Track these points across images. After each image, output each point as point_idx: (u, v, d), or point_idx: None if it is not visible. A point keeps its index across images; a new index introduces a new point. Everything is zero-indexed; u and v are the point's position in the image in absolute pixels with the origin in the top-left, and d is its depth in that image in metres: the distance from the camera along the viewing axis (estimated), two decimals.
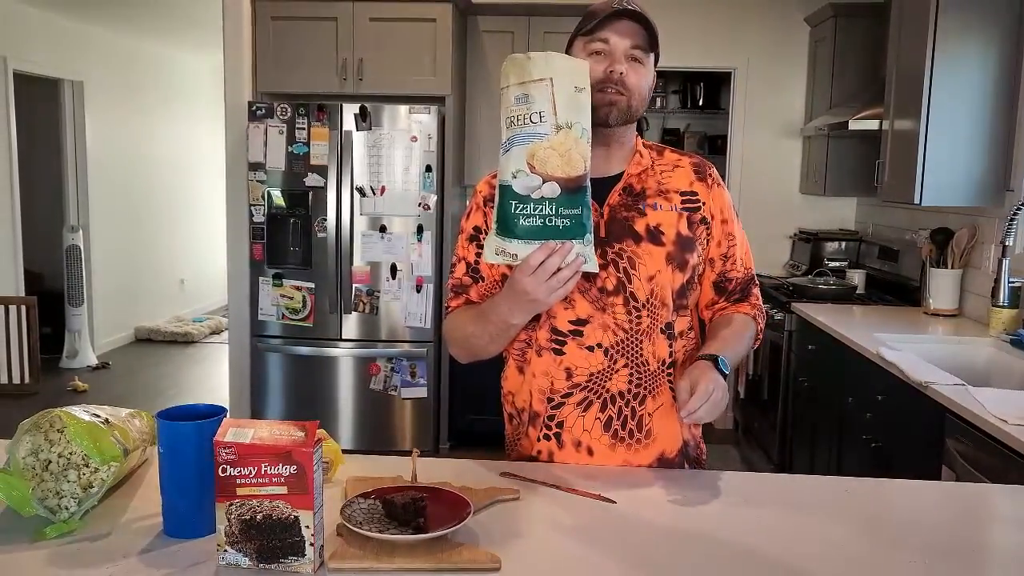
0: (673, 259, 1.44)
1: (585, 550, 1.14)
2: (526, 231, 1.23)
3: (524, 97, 1.22)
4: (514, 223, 1.23)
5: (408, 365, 4.11)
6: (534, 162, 1.21)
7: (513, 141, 1.22)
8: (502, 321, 1.37)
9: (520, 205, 1.22)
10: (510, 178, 1.23)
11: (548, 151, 1.21)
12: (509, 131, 1.23)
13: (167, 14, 5.74)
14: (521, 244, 1.24)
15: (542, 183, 1.22)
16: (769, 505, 1.31)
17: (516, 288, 1.28)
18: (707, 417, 1.33)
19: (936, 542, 1.20)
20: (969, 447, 2.04)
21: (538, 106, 1.21)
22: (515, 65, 1.24)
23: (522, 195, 1.22)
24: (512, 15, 4.32)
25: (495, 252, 1.27)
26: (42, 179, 6.17)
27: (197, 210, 7.92)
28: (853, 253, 4.38)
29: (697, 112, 5.57)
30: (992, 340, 2.86)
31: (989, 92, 2.99)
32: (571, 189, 1.22)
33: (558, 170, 1.21)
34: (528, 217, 1.22)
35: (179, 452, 1.13)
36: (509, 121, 1.23)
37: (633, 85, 1.39)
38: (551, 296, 1.27)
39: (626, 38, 1.38)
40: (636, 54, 1.39)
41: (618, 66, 1.37)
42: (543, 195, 1.22)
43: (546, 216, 1.22)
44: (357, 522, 1.12)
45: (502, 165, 1.24)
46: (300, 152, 3.99)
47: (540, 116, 1.21)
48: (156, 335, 6.89)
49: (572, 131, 1.22)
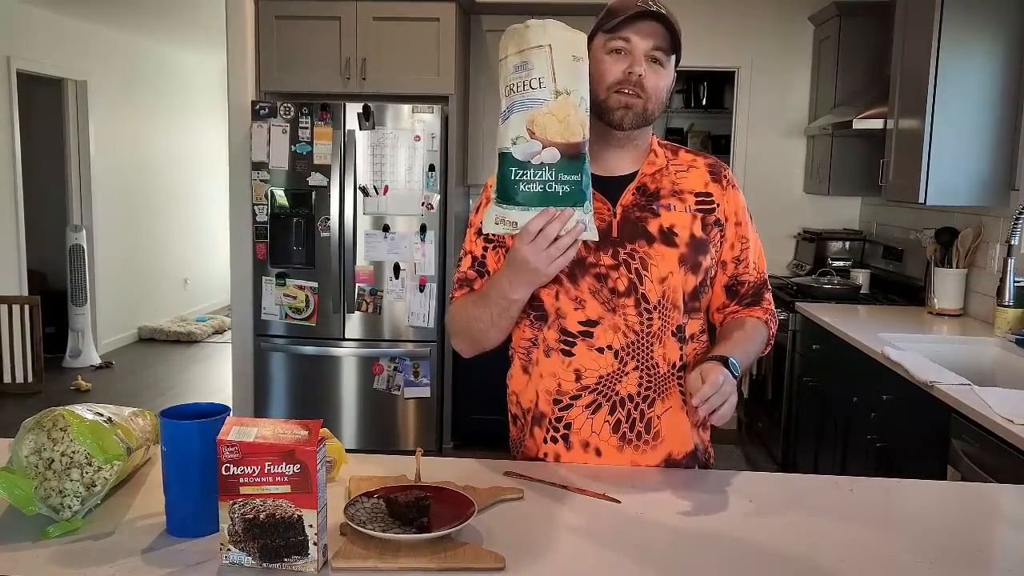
0: (686, 261, 1.42)
1: (590, 550, 1.13)
2: (526, 197, 1.23)
3: (523, 64, 1.22)
4: (514, 190, 1.23)
5: (411, 365, 4.11)
6: (534, 127, 1.21)
7: (512, 108, 1.22)
8: (503, 297, 1.35)
9: (520, 172, 1.22)
10: (510, 144, 1.22)
11: (547, 116, 1.21)
12: (508, 99, 1.23)
13: (171, 13, 5.75)
14: (521, 211, 1.24)
15: (542, 148, 1.21)
16: (775, 505, 1.31)
17: (516, 258, 1.27)
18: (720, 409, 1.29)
19: (942, 542, 1.19)
20: (975, 447, 2.03)
21: (537, 72, 1.21)
22: (514, 34, 1.24)
23: (522, 161, 1.22)
24: (515, 14, 4.30)
25: (495, 221, 1.27)
26: (45, 179, 6.18)
27: (200, 209, 7.92)
28: (857, 253, 4.37)
29: (701, 111, 5.55)
30: (998, 340, 2.85)
31: (994, 91, 2.98)
32: (571, 155, 1.22)
33: (557, 136, 1.21)
34: (528, 183, 1.22)
35: (182, 451, 1.13)
36: (508, 89, 1.23)
37: (651, 88, 1.37)
38: (551, 265, 1.26)
39: (648, 39, 1.35)
40: (657, 55, 1.36)
41: (637, 68, 1.34)
42: (543, 161, 1.21)
43: (546, 182, 1.22)
44: (361, 521, 1.12)
45: (501, 134, 1.24)
46: (303, 151, 3.99)
47: (539, 82, 1.21)
48: (159, 335, 6.90)
49: (571, 97, 1.22)
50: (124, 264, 6.70)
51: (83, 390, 5.35)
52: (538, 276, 1.30)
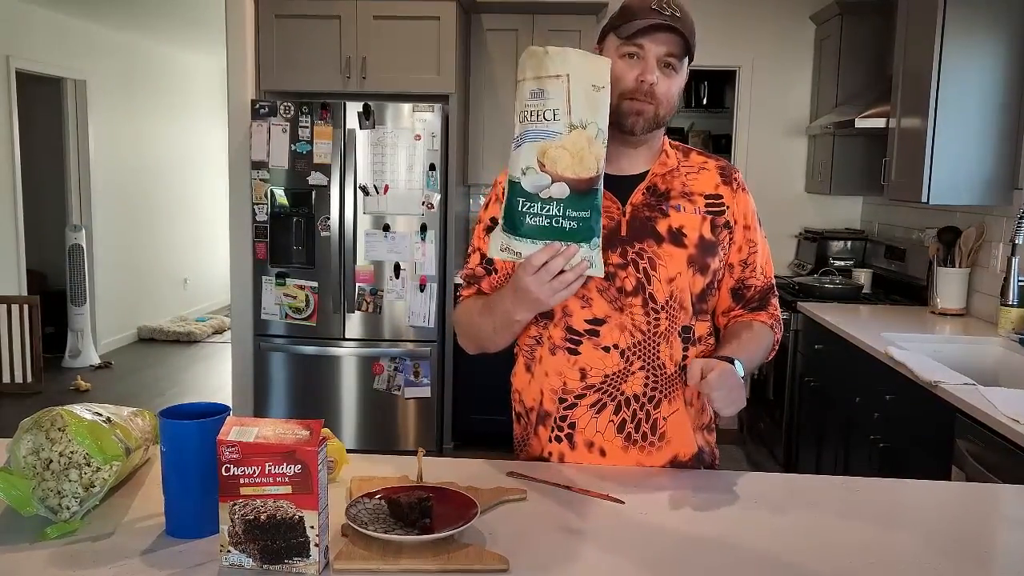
0: (694, 262, 1.42)
1: (594, 552, 1.12)
2: (531, 230, 1.20)
3: (539, 92, 1.19)
4: (520, 221, 1.20)
5: (411, 365, 4.10)
6: (545, 160, 1.18)
7: (525, 137, 1.19)
8: (506, 315, 1.35)
9: (527, 203, 1.19)
10: (519, 175, 1.20)
11: (560, 150, 1.18)
12: (522, 126, 1.20)
13: (170, 13, 5.73)
14: (526, 243, 1.21)
15: (551, 183, 1.18)
16: (779, 505, 1.30)
17: (519, 286, 1.26)
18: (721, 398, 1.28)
19: (947, 543, 1.19)
20: (980, 447, 2.02)
21: (553, 103, 1.18)
22: (533, 58, 1.20)
23: (530, 193, 1.19)
24: (516, 13, 4.30)
25: (500, 248, 1.25)
26: (45, 178, 6.16)
27: (200, 209, 7.91)
28: (859, 252, 4.36)
29: (702, 111, 5.54)
30: (1001, 339, 2.84)
31: (997, 89, 2.97)
32: (581, 191, 1.19)
33: (568, 171, 1.18)
34: (534, 216, 1.20)
35: (182, 451, 1.11)
36: (523, 115, 1.20)
37: (663, 94, 1.35)
38: (553, 297, 1.25)
39: (661, 46, 1.33)
40: (670, 61, 1.34)
41: (650, 76, 1.33)
42: (551, 195, 1.18)
43: (553, 217, 1.19)
44: (362, 522, 1.11)
45: (512, 160, 1.21)
46: (303, 151, 3.97)
47: (554, 114, 1.18)
48: (159, 335, 6.88)
49: (587, 131, 1.19)
50: (124, 264, 6.69)
51: (83, 390, 5.33)
52: (540, 305, 1.29)
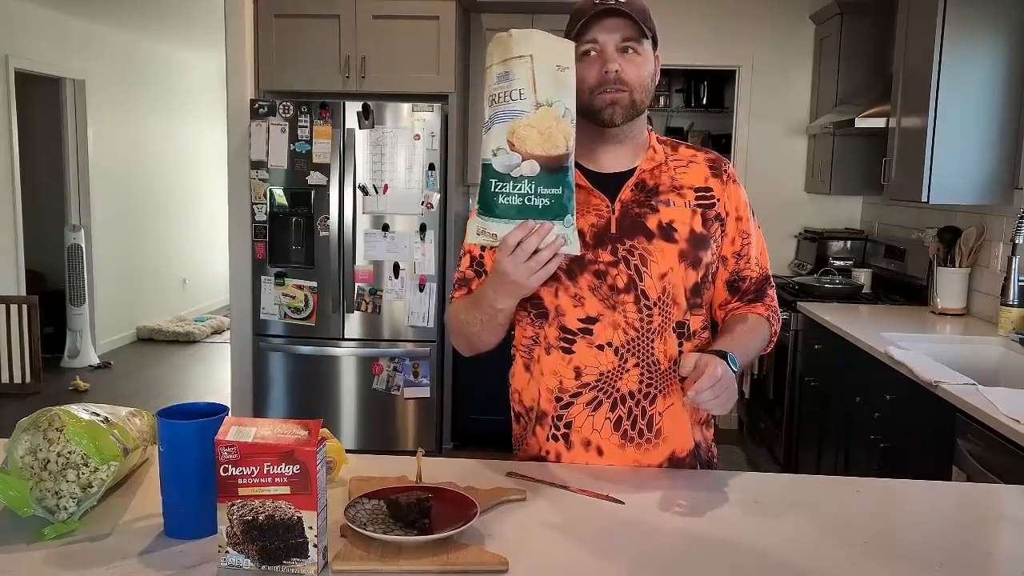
0: (686, 257, 1.41)
1: (593, 552, 1.12)
2: (505, 210, 1.21)
3: (505, 74, 1.20)
4: (494, 202, 1.22)
5: (411, 365, 4.09)
6: (514, 139, 1.20)
7: (494, 119, 1.21)
8: (489, 306, 1.34)
9: (499, 184, 1.21)
10: (491, 156, 1.21)
11: (528, 128, 1.19)
12: (491, 109, 1.22)
13: (169, 12, 5.73)
14: (501, 223, 1.22)
15: (521, 161, 1.20)
16: (779, 506, 1.29)
17: (497, 269, 1.26)
18: (714, 403, 1.27)
19: (947, 544, 1.18)
20: (980, 447, 2.02)
21: (518, 83, 1.19)
22: (498, 44, 1.22)
23: (501, 173, 1.21)
24: (516, 12, 4.29)
25: (476, 232, 1.26)
26: (43, 178, 6.16)
27: (199, 209, 7.90)
28: (859, 252, 4.35)
29: (701, 110, 5.53)
30: (1001, 339, 2.84)
31: (997, 88, 2.96)
32: (551, 168, 1.20)
33: (537, 148, 1.19)
34: (507, 196, 1.21)
35: (180, 451, 1.11)
36: (491, 99, 1.22)
37: (632, 78, 1.35)
38: (531, 278, 1.25)
39: (614, 33, 1.33)
40: (628, 46, 1.35)
41: (611, 65, 1.33)
42: (522, 173, 1.20)
43: (525, 195, 1.21)
44: (361, 523, 1.10)
45: (484, 144, 1.23)
46: (302, 150, 3.97)
47: (520, 93, 1.19)
48: (158, 335, 6.88)
49: (553, 109, 1.20)
50: (123, 264, 6.68)
51: (81, 390, 5.33)
52: (519, 288, 1.28)
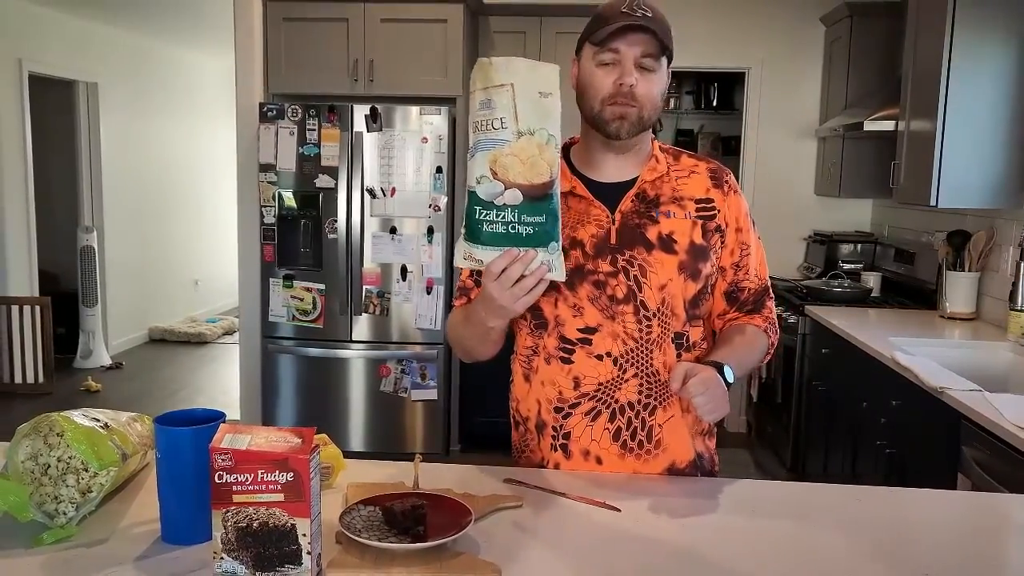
0: (685, 268, 1.41)
1: (588, 559, 1.11)
2: (490, 237, 1.22)
3: (487, 102, 1.21)
4: (478, 229, 1.22)
5: (418, 367, 4.10)
6: (496, 168, 1.20)
7: (478, 146, 1.21)
8: (480, 324, 1.34)
9: (484, 211, 1.21)
10: (475, 183, 1.21)
11: (510, 157, 1.19)
12: (475, 136, 1.22)
13: (180, 16, 5.77)
14: (486, 250, 1.23)
15: (504, 190, 1.20)
16: (777, 514, 1.29)
17: (484, 294, 1.26)
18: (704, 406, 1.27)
19: (950, 554, 1.17)
20: (986, 454, 2.00)
21: (499, 112, 1.20)
22: (480, 70, 1.23)
23: (485, 201, 1.21)
24: (524, 15, 4.30)
25: (463, 257, 1.26)
26: (57, 180, 6.21)
27: (210, 211, 7.95)
28: (868, 255, 4.33)
29: (711, 113, 5.52)
30: (1010, 344, 2.81)
31: (1007, 92, 2.94)
32: (534, 196, 1.20)
33: (520, 177, 1.19)
34: (491, 223, 1.21)
35: (176, 458, 1.12)
36: (475, 126, 1.22)
37: (643, 96, 1.35)
38: (517, 303, 1.25)
39: (636, 47, 1.33)
40: (646, 63, 1.34)
41: (628, 78, 1.33)
42: (505, 202, 1.20)
43: (509, 223, 1.21)
44: (356, 530, 1.11)
45: (469, 170, 1.23)
46: (311, 153, 3.98)
47: (501, 122, 1.20)
48: (170, 335, 6.92)
49: (535, 137, 1.20)
50: (135, 265, 6.73)
51: (93, 391, 5.37)
52: (506, 311, 1.28)
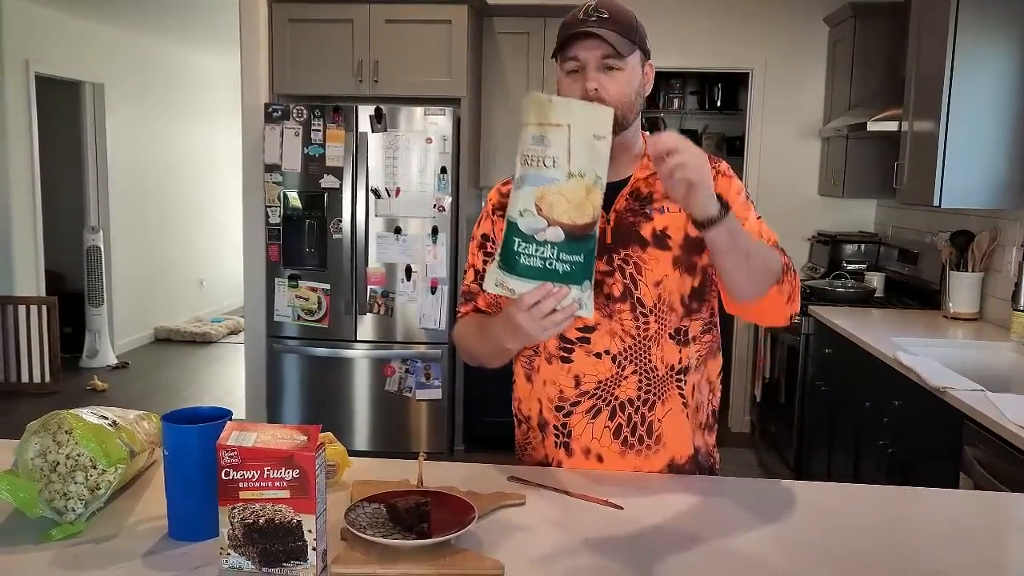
0: (680, 263, 1.42)
1: (591, 557, 1.13)
2: (526, 270, 1.21)
3: (541, 138, 1.20)
4: (515, 260, 1.22)
5: (423, 367, 4.11)
6: (542, 204, 1.19)
7: (525, 179, 1.21)
8: (498, 343, 1.35)
9: (523, 244, 1.21)
10: (517, 216, 1.21)
11: (557, 196, 1.19)
12: (523, 168, 1.21)
13: (186, 17, 5.79)
14: (519, 281, 1.22)
15: (547, 226, 1.19)
16: (778, 513, 1.30)
17: (511, 321, 1.26)
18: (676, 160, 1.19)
19: (952, 554, 1.18)
20: (988, 454, 2.01)
21: (553, 151, 1.19)
22: (536, 104, 1.21)
23: (526, 234, 1.20)
24: (528, 16, 4.31)
25: (495, 283, 1.26)
26: (63, 180, 6.24)
27: (216, 211, 7.98)
28: (872, 256, 4.33)
29: (715, 113, 5.53)
30: (1014, 345, 2.82)
31: (1010, 92, 2.94)
32: (576, 236, 1.20)
33: (565, 216, 1.19)
34: (529, 257, 1.21)
35: (183, 455, 1.13)
36: (524, 158, 1.21)
37: (612, 95, 1.35)
38: (544, 333, 1.25)
39: (595, 51, 1.34)
40: (610, 63, 1.35)
41: (590, 84, 1.34)
42: (547, 239, 1.20)
43: (547, 259, 1.20)
44: (361, 526, 1.12)
45: (512, 198, 1.23)
46: (316, 154, 4.00)
47: (554, 161, 1.19)
48: (175, 335, 6.94)
49: (585, 179, 1.20)
50: (140, 265, 6.76)
51: (99, 390, 5.39)
52: (530, 339, 1.28)
